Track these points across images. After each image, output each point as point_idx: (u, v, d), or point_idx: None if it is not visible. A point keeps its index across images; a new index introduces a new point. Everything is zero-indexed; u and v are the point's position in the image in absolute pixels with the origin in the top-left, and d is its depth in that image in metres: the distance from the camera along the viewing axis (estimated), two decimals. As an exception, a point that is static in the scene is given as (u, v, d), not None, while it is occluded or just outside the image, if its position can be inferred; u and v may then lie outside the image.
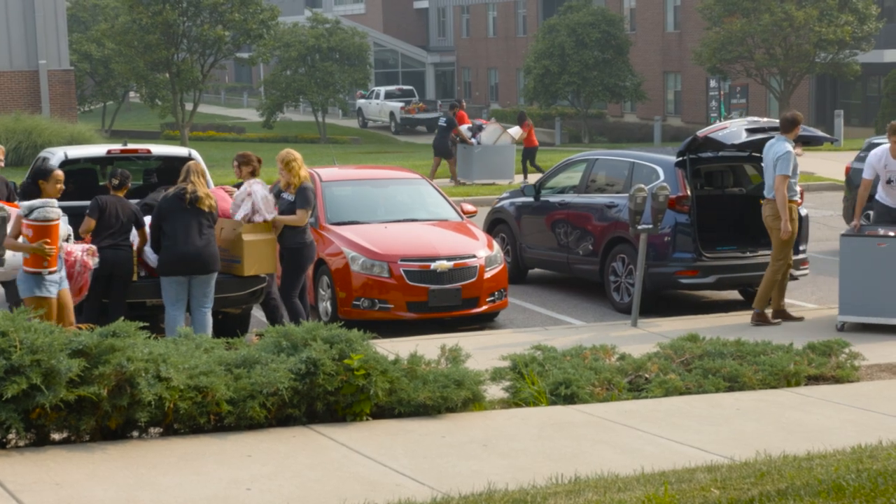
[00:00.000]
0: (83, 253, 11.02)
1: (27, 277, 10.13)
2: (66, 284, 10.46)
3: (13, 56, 36.53)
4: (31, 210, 10.00)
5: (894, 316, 12.43)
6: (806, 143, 14.59)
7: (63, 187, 11.06)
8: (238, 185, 12.67)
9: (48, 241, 9.95)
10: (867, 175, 13.48)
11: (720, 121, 40.75)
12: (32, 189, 11.09)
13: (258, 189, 12.07)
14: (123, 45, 43.44)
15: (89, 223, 11.81)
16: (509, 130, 28.83)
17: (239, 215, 11.99)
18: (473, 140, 28.20)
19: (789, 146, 12.81)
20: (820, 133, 14.72)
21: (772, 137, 13.71)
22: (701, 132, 14.11)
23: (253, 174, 12.42)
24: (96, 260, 11.23)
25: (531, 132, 29.80)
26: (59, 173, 11.04)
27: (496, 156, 28.26)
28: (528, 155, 29.27)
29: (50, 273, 10.08)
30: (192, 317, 11.71)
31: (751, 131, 13.80)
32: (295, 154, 12.52)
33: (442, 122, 28.86)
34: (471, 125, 29.07)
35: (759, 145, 14.09)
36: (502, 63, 67.31)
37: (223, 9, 42.78)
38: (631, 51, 51.95)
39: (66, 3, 44.44)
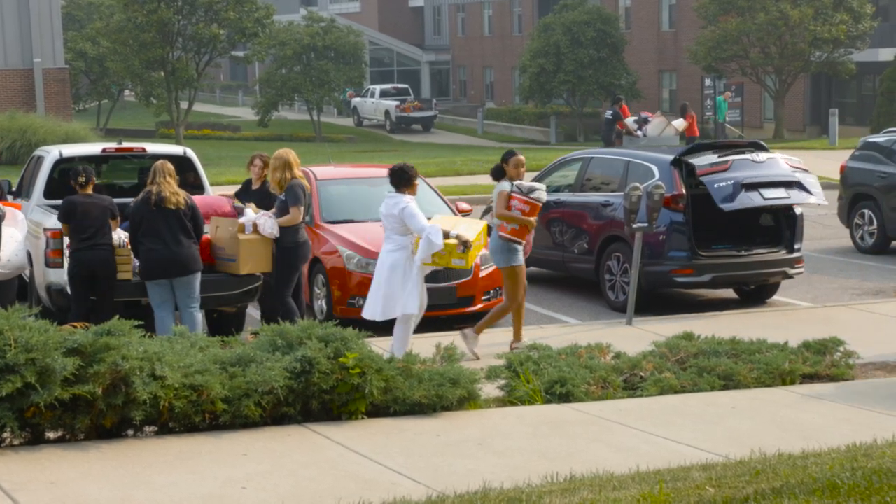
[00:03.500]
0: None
1: (505, 248, 11.65)
2: None
3: (8, 54, 36.47)
4: (531, 190, 11.65)
5: None
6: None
7: (525, 170, 11.98)
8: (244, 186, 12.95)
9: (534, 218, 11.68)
10: None
11: (717, 119, 40.78)
12: (501, 171, 11.91)
13: (264, 221, 12.03)
14: (118, 43, 43.39)
15: (63, 228, 11.77)
16: (673, 122, 29.96)
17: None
18: (639, 132, 29.25)
19: None
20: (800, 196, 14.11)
21: (760, 199, 13.62)
22: (700, 168, 13.88)
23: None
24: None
25: (693, 122, 31.00)
26: (521, 158, 11.90)
27: None
28: None
29: (519, 244, 11.64)
30: (181, 317, 11.65)
31: (748, 188, 13.73)
32: (281, 154, 12.31)
33: (608, 115, 30.20)
34: (636, 118, 30.29)
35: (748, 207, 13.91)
36: (498, 62, 67.28)
37: (218, 7, 42.72)
38: (626, 49, 51.91)
39: (61, 1, 44.39)
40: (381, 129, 60.31)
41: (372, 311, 11.06)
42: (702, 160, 14.04)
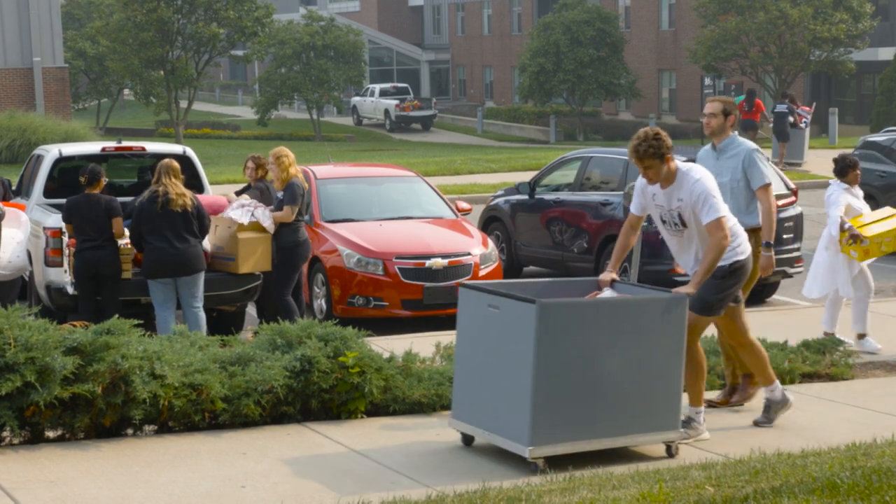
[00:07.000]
0: None
1: None
2: None
3: (7, 53, 36.45)
4: None
5: (506, 434, 7.48)
6: None
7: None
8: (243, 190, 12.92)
9: None
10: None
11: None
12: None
13: (262, 212, 12.07)
14: (118, 42, 43.38)
15: (66, 227, 11.79)
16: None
17: (232, 214, 12.02)
18: (802, 125, 31.08)
19: None
20: None
21: None
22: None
23: (265, 177, 12.71)
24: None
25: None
26: None
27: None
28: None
29: None
30: (185, 316, 11.66)
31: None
32: (286, 151, 12.47)
33: (783, 108, 31.33)
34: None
35: None
36: (497, 61, 67.27)
37: (218, 6, 42.73)
38: (626, 49, 51.93)
39: (61, 0, 44.37)
40: (380, 128, 60.30)
41: (808, 289, 11.85)
42: None
